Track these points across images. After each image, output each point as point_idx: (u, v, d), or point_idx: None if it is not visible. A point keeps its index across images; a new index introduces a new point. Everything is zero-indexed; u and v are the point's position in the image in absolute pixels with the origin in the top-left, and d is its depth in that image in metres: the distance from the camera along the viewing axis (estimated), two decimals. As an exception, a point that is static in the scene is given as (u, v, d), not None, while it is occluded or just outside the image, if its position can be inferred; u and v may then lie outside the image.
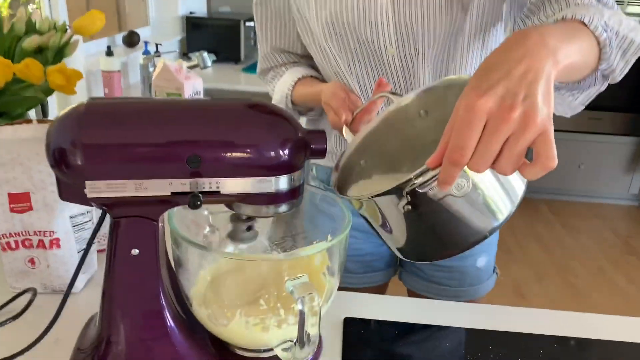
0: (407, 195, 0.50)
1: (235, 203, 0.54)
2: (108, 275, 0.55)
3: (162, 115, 0.51)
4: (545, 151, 0.43)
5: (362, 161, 0.65)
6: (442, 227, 0.54)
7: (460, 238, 0.54)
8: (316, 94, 0.81)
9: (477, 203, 0.52)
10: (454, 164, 0.44)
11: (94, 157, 0.49)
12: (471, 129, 0.43)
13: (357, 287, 0.96)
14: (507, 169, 0.44)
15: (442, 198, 0.51)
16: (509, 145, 0.43)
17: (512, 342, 0.69)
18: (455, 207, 0.52)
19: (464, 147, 0.44)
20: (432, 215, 0.52)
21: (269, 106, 0.53)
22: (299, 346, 0.52)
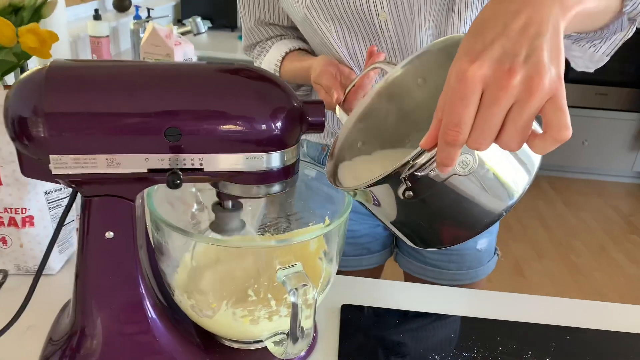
0: (406, 181, 0.44)
1: (221, 182, 0.49)
2: (80, 261, 0.50)
3: (136, 81, 0.44)
4: (557, 120, 0.36)
5: (360, 143, 0.59)
6: (451, 210, 0.48)
7: (473, 220, 0.48)
8: (305, 70, 0.74)
9: (487, 179, 0.46)
10: (450, 143, 0.38)
11: (57, 128, 0.43)
12: (465, 101, 0.37)
13: (351, 269, 0.91)
14: (513, 143, 0.38)
15: (446, 179, 0.45)
16: (512, 117, 0.37)
17: (522, 333, 0.64)
18: (462, 187, 0.45)
19: (458, 123, 0.37)
20: (437, 199, 0.46)
21: (258, 71, 0.46)
22: (291, 341, 0.47)
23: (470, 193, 0.46)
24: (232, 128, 0.45)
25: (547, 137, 0.37)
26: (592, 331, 0.65)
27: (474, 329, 0.64)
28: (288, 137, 0.47)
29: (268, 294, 0.49)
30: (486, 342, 0.62)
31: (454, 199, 0.46)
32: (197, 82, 0.45)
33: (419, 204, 0.47)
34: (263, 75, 0.46)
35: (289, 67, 0.81)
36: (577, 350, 0.62)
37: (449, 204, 0.47)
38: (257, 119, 0.45)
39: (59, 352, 0.51)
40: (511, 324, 0.66)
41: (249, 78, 0.46)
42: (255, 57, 0.89)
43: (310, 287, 0.45)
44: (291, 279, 0.45)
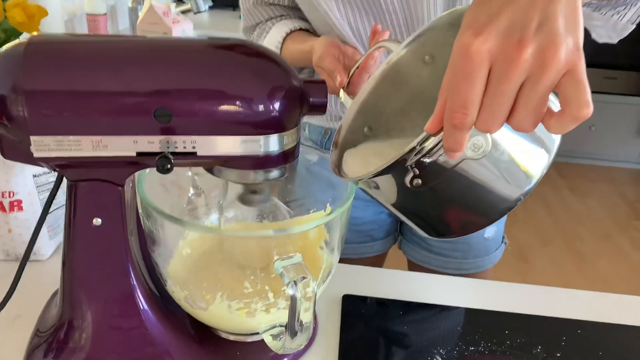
0: (413, 169, 0.41)
1: (216, 167, 0.45)
2: (67, 250, 0.47)
3: (123, 57, 0.41)
4: (576, 95, 0.32)
5: (366, 128, 0.55)
6: (464, 198, 0.44)
7: (487, 207, 0.45)
8: (306, 52, 0.69)
9: (502, 163, 0.42)
10: (457, 127, 0.34)
11: (38, 107, 0.40)
12: (471, 80, 0.33)
13: (354, 257, 0.88)
14: (526, 124, 0.34)
15: (456, 164, 0.41)
16: (524, 95, 0.33)
17: (531, 326, 0.61)
18: (475, 172, 0.42)
19: (464, 104, 0.34)
20: (448, 186, 0.43)
21: (256, 47, 0.43)
22: (289, 335, 0.44)
23: (483, 178, 0.43)
24: (227, 109, 0.41)
25: (565, 116, 0.33)
26: (605, 325, 0.62)
27: (480, 322, 0.62)
28: (287, 119, 0.44)
29: (265, 285, 0.46)
30: (493, 336, 0.59)
31: (466, 185, 0.43)
32: (189, 59, 0.42)
33: (428, 192, 0.43)
34: (261, 52, 0.43)
35: (290, 49, 0.77)
36: (588, 345, 0.59)
37: (460, 191, 0.44)
38: (253, 99, 0.42)
39: (45, 344, 0.48)
40: (520, 317, 0.63)
41: (246, 54, 0.42)
42: (255, 39, 0.84)
43: (310, 280, 0.42)
44: (290, 271, 0.42)
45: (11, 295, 0.51)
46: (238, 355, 0.52)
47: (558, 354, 0.57)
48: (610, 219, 2.57)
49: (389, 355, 0.56)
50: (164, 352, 0.50)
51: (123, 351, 0.48)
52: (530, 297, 0.67)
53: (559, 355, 0.57)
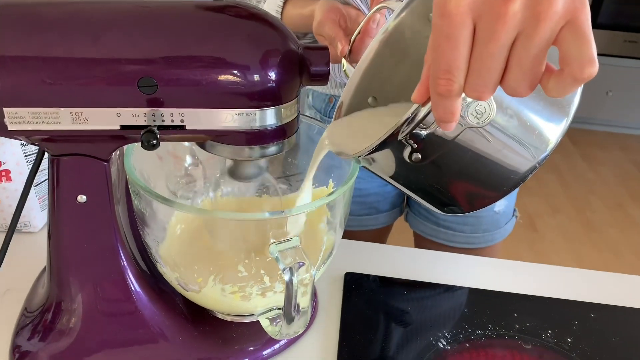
0: (410, 143, 0.37)
1: (208, 142, 0.42)
2: (52, 229, 0.44)
3: (102, 20, 0.37)
4: (577, 52, 0.28)
5: (370, 98, 0.51)
6: (470, 171, 0.40)
7: (498, 180, 0.40)
8: (308, 17, 0.64)
9: (510, 129, 0.38)
10: (443, 94, 0.30)
11: (9, 75, 0.36)
12: (452, 41, 0.29)
13: (358, 229, 0.86)
14: (521, 87, 0.30)
15: (458, 135, 0.37)
16: (516, 54, 0.29)
17: (542, 309, 0.59)
18: (480, 142, 0.38)
19: (449, 69, 0.29)
20: (451, 159, 0.39)
21: (249, 8, 0.39)
22: (286, 321, 0.42)
23: (490, 148, 0.38)
24: (218, 78, 0.37)
25: (565, 76, 0.29)
26: (620, 308, 0.60)
27: (488, 303, 0.59)
28: (285, 90, 0.40)
29: (261, 269, 0.43)
30: (501, 319, 0.57)
31: (472, 157, 0.39)
32: (176, 23, 0.37)
33: (431, 167, 0.39)
34: (255, 14, 0.39)
35: (291, 13, 0.71)
36: (602, 330, 0.56)
37: (466, 164, 0.39)
38: (247, 67, 0.38)
39: (31, 325, 0.46)
40: (530, 298, 0.60)
41: (238, 17, 0.38)
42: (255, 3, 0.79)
43: (307, 266, 0.39)
44: (286, 256, 0.39)
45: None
46: (234, 337, 0.50)
47: (569, 339, 0.55)
48: (623, 188, 2.51)
49: (392, 337, 0.54)
50: (157, 334, 0.48)
51: (113, 334, 0.46)
52: (541, 277, 0.64)
53: (570, 340, 0.55)
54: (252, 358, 0.49)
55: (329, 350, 0.52)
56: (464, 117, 0.36)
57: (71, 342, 0.45)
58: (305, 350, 0.52)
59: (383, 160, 0.41)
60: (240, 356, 0.49)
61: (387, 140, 0.37)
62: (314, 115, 0.83)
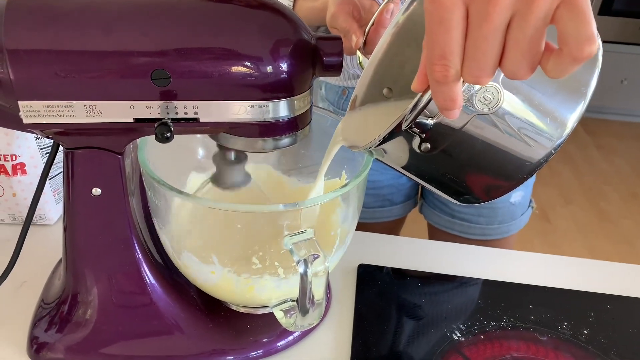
0: (417, 132, 0.36)
1: (221, 134, 0.42)
2: (67, 221, 0.44)
3: (115, 13, 0.36)
4: (575, 30, 0.27)
5: (385, 90, 0.50)
6: (482, 160, 0.39)
7: (513, 167, 0.39)
8: (321, 9, 0.63)
9: (522, 114, 0.37)
10: (440, 81, 0.30)
11: (23, 69, 0.36)
12: (445, 25, 0.28)
13: (371, 221, 0.85)
14: (520, 70, 0.29)
15: (466, 123, 0.36)
16: (512, 36, 0.28)
17: (557, 301, 0.58)
18: (490, 130, 0.37)
19: (443, 54, 0.29)
20: (461, 148, 0.38)
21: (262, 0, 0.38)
22: (300, 313, 0.42)
23: (501, 135, 0.37)
24: (231, 69, 0.37)
25: (564, 56, 0.28)
26: (637, 300, 0.59)
27: (503, 295, 0.59)
28: (298, 81, 0.40)
29: (275, 261, 0.43)
30: (517, 310, 0.56)
31: (483, 145, 0.38)
32: (188, 14, 0.37)
33: (442, 156, 0.39)
34: (267, 4, 0.38)
35: (303, 7, 0.70)
36: (618, 322, 0.56)
37: (477, 152, 0.38)
38: (260, 59, 0.37)
39: (48, 317, 0.47)
40: (545, 290, 0.60)
41: (251, 7, 0.38)
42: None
43: (322, 257, 0.39)
44: (300, 248, 0.39)
45: (16, 260, 0.49)
46: (248, 328, 0.51)
47: (585, 331, 0.54)
48: (637, 178, 2.48)
49: (406, 329, 0.54)
50: (172, 326, 0.48)
51: (129, 325, 0.47)
52: (556, 269, 0.64)
53: (587, 332, 0.54)
54: (266, 350, 0.50)
55: (342, 342, 0.52)
56: (471, 104, 0.36)
57: (87, 334, 0.46)
58: (319, 341, 0.52)
59: (394, 152, 0.40)
60: (254, 348, 0.49)
61: (394, 131, 0.36)
62: (327, 107, 0.83)
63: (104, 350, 0.47)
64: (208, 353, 0.48)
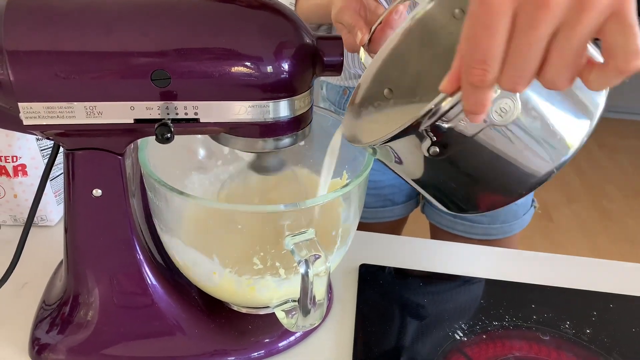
0: (430, 134, 0.36)
1: (221, 134, 0.42)
2: (68, 222, 0.44)
3: (114, 14, 0.36)
4: (623, 43, 0.27)
5: (386, 90, 0.50)
6: (487, 170, 0.39)
7: (514, 181, 0.40)
8: (324, 7, 0.63)
9: (533, 130, 0.37)
10: (476, 85, 0.30)
11: (23, 70, 0.36)
12: (491, 29, 0.28)
13: (373, 221, 0.85)
14: (560, 80, 0.29)
15: (479, 131, 0.36)
16: (557, 45, 0.28)
17: (559, 300, 0.58)
18: (501, 140, 0.37)
19: (484, 59, 0.29)
20: (469, 156, 0.38)
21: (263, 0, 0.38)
22: (302, 314, 0.42)
23: (511, 148, 0.37)
24: (231, 70, 0.37)
25: (609, 69, 0.28)
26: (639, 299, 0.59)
27: (505, 294, 0.58)
28: (299, 81, 0.39)
29: (276, 262, 0.43)
30: (519, 310, 0.56)
31: (491, 156, 0.38)
32: (188, 15, 0.37)
33: (447, 162, 0.39)
34: (267, 4, 0.38)
35: (305, 4, 0.70)
36: (621, 321, 0.56)
37: (484, 162, 0.38)
38: (260, 59, 0.37)
39: (49, 318, 0.47)
40: (547, 289, 0.59)
41: (250, 8, 0.37)
42: None
43: (323, 258, 0.39)
44: (301, 248, 0.39)
45: (17, 261, 0.49)
46: (250, 329, 0.50)
47: (588, 330, 0.54)
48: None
49: (408, 329, 0.54)
50: (174, 326, 0.48)
51: (130, 326, 0.47)
52: (558, 268, 0.64)
53: (589, 331, 0.54)
54: (268, 350, 0.49)
55: (344, 342, 0.52)
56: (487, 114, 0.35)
57: (89, 335, 0.46)
58: (321, 342, 0.52)
59: (399, 152, 0.40)
60: (256, 348, 0.49)
61: (408, 129, 0.36)
62: (329, 107, 0.83)
63: (105, 351, 0.47)
64: (210, 354, 0.48)
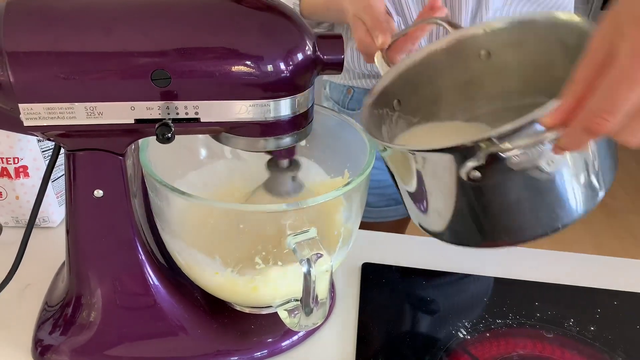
0: (483, 159, 0.35)
1: (222, 134, 0.42)
2: (70, 223, 0.44)
3: (114, 14, 0.36)
4: None
5: (395, 101, 0.50)
6: (516, 206, 0.39)
7: (533, 224, 0.39)
8: (335, 4, 0.63)
9: (570, 179, 0.37)
10: (591, 131, 0.30)
11: (23, 71, 0.36)
12: (633, 87, 0.28)
13: (378, 221, 0.85)
14: None
15: (526, 169, 0.36)
16: None
17: (563, 297, 0.58)
18: (539, 183, 0.37)
19: (614, 111, 0.29)
20: (505, 189, 0.38)
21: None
22: (304, 313, 0.42)
23: (547, 191, 0.37)
24: (231, 69, 0.37)
25: None
26: (643, 296, 0.58)
27: (508, 292, 0.58)
28: (299, 80, 0.39)
29: (278, 261, 0.43)
30: (522, 307, 0.56)
31: (523, 195, 0.38)
32: (187, 14, 0.37)
33: (476, 189, 0.38)
34: (267, 4, 0.38)
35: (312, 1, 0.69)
36: (625, 318, 0.55)
37: (516, 198, 0.38)
38: (261, 58, 0.37)
39: (52, 320, 0.47)
40: (551, 287, 0.59)
41: (250, 7, 0.37)
42: None
43: (325, 257, 0.39)
44: (303, 247, 0.39)
45: (19, 262, 0.49)
46: (253, 329, 0.50)
47: (592, 328, 0.54)
48: (644, 173, 2.46)
49: (411, 328, 0.54)
50: (177, 327, 0.48)
51: (133, 327, 0.47)
52: (562, 265, 0.63)
53: (593, 329, 0.54)
54: (271, 350, 0.49)
55: (347, 341, 0.52)
56: (539, 156, 0.35)
57: (92, 336, 0.46)
58: (324, 341, 0.52)
59: (431, 165, 0.39)
60: (259, 348, 0.49)
61: (465, 146, 0.35)
62: (332, 106, 0.82)
63: (108, 352, 0.47)
64: (213, 354, 0.48)
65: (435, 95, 0.51)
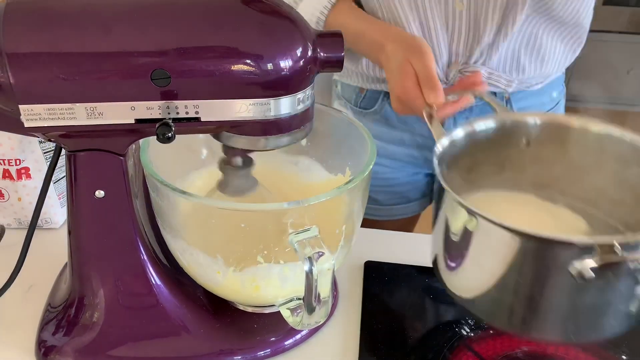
0: (607, 260, 0.35)
1: (223, 133, 0.42)
2: (71, 224, 0.44)
3: (113, 14, 0.36)
4: None
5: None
6: (598, 309, 0.39)
7: (612, 325, 0.41)
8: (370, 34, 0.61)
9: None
10: None
11: (23, 72, 0.36)
12: None
13: (386, 219, 0.85)
14: None
15: (631, 284, 0.37)
16: None
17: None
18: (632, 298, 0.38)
19: None
20: (609, 295, 0.38)
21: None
22: (307, 311, 0.42)
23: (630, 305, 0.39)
24: (231, 68, 0.37)
25: None
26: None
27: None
28: (299, 78, 0.39)
29: (280, 260, 0.43)
30: (526, 304, 0.56)
31: (613, 306, 0.39)
32: (186, 13, 0.37)
33: (582, 289, 0.37)
34: (267, 3, 0.38)
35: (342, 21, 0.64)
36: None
37: (616, 301, 0.39)
38: (260, 57, 0.37)
39: (55, 320, 0.47)
40: (554, 283, 0.59)
41: (250, 5, 0.37)
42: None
43: (327, 255, 0.38)
44: (305, 245, 0.39)
45: (22, 264, 0.49)
46: (256, 328, 0.50)
47: (596, 324, 0.53)
48: (646, 169, 2.45)
49: (414, 326, 0.54)
50: (179, 327, 0.48)
51: (136, 327, 0.47)
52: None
53: (597, 325, 0.53)
54: (274, 349, 0.49)
55: (350, 339, 0.52)
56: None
57: (95, 336, 0.46)
58: (327, 339, 0.52)
59: (542, 256, 0.38)
60: (262, 347, 0.49)
61: (595, 245, 0.35)
62: (344, 105, 0.81)
63: (111, 352, 0.47)
64: (216, 353, 0.48)
65: (473, 163, 0.52)
